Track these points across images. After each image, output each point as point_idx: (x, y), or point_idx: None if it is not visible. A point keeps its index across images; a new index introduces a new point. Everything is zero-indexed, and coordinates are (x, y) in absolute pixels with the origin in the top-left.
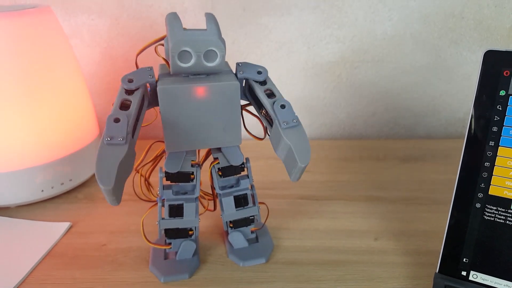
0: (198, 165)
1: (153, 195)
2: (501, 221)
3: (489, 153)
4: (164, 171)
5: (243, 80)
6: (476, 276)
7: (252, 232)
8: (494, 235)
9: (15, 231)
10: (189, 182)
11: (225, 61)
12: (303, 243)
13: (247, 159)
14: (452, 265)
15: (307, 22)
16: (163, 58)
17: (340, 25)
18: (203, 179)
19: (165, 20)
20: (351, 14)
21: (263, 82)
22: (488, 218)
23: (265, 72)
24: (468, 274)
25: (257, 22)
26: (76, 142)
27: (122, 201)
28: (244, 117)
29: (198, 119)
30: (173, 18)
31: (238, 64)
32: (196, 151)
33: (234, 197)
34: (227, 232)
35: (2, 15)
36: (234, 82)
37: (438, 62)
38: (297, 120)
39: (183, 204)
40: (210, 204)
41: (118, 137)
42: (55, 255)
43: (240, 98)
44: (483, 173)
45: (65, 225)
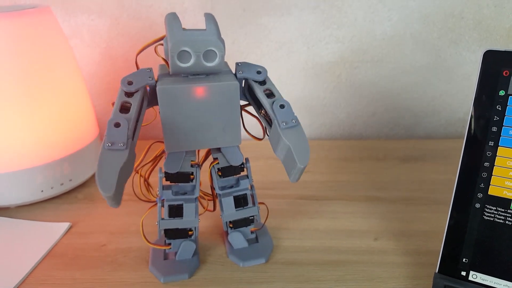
0: (198, 165)
1: (153, 196)
2: (501, 221)
3: (489, 153)
4: (164, 172)
5: (243, 80)
6: (476, 276)
7: (252, 232)
8: (494, 235)
9: (15, 232)
10: (189, 183)
11: (225, 61)
12: (303, 243)
13: (247, 159)
14: (452, 265)
15: (307, 22)
16: (163, 58)
17: (340, 25)
18: (203, 179)
19: (165, 20)
20: (351, 14)
21: (263, 82)
22: (488, 218)
23: (265, 72)
24: (468, 274)
25: (257, 22)
26: (76, 143)
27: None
28: (244, 118)
29: (198, 119)
30: (173, 18)
31: (238, 64)
32: (196, 151)
33: (234, 197)
34: (227, 232)
35: (2, 16)
36: (234, 82)
37: (438, 62)
38: (296, 120)
39: (183, 205)
40: (210, 205)
41: (119, 143)
42: (55, 256)
43: (240, 99)
44: (483, 173)
45: (65, 226)
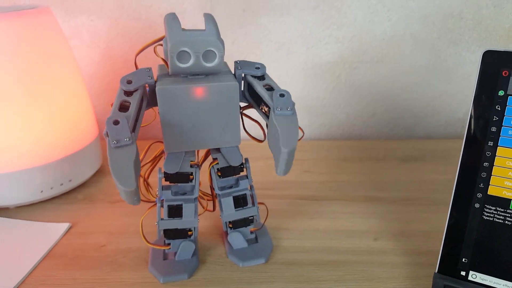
0: (197, 166)
1: (152, 196)
2: (500, 221)
3: (488, 153)
4: (163, 172)
5: (242, 80)
6: (475, 276)
7: (252, 233)
8: (493, 235)
9: (15, 232)
10: (188, 183)
11: (224, 62)
12: (303, 244)
13: (246, 160)
14: (451, 265)
15: (307, 23)
16: (162, 59)
17: (339, 26)
18: (202, 180)
19: (164, 21)
20: (350, 15)
21: (261, 78)
22: (487, 218)
23: (263, 68)
24: (467, 274)
25: (257, 23)
26: (76, 143)
27: (121, 202)
28: (244, 119)
29: (197, 120)
30: (172, 19)
31: (236, 62)
32: (195, 152)
33: (234, 198)
34: (227, 233)
35: (2, 16)
36: (233, 83)
37: (438, 63)
38: (292, 109)
39: (182, 205)
40: (209, 205)
41: (124, 138)
42: (55, 256)
43: (240, 100)
44: (482, 173)
45: (65, 226)
